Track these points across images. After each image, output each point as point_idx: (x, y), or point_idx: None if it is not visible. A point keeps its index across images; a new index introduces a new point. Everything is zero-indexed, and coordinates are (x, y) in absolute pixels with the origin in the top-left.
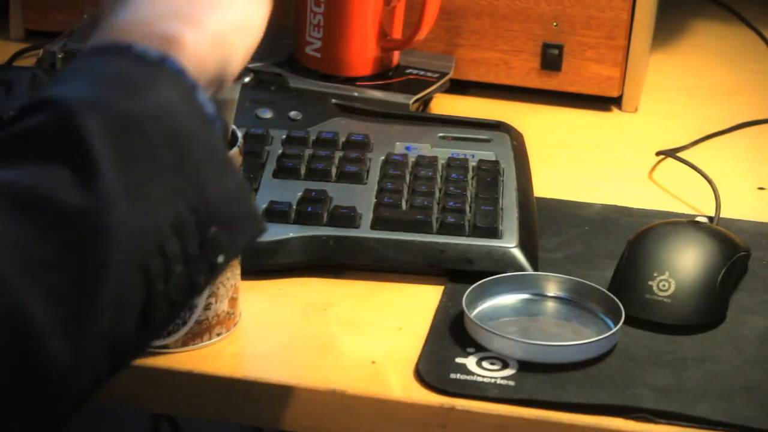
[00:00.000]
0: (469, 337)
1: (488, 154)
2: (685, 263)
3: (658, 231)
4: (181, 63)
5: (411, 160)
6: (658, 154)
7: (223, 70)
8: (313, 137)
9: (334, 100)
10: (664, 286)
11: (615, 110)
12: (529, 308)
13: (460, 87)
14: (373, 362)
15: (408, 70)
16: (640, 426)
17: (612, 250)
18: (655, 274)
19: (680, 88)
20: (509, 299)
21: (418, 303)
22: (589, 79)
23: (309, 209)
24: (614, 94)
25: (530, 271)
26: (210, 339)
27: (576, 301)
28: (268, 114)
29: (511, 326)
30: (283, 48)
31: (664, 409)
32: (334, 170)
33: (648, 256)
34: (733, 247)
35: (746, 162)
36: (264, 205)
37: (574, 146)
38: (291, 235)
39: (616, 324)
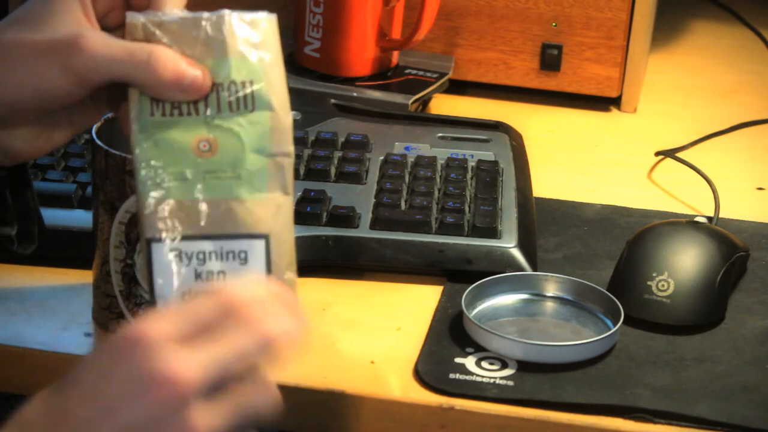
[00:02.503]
0: (468, 337)
1: (487, 155)
2: (684, 263)
3: (657, 231)
4: None
5: (410, 160)
6: (657, 154)
7: None
8: (312, 137)
9: (333, 101)
10: (663, 286)
11: (614, 110)
12: (528, 308)
13: (459, 87)
14: (372, 362)
15: (407, 71)
16: (639, 426)
17: (611, 251)
18: (654, 275)
19: (679, 88)
20: (508, 299)
21: (417, 303)
22: (588, 79)
23: (308, 209)
24: (613, 94)
25: (529, 271)
26: None
27: (575, 301)
28: None
29: (510, 326)
30: (282, 48)
31: (663, 409)
32: (333, 170)
33: (647, 256)
34: (732, 248)
35: (745, 162)
36: None
37: (573, 146)
38: None
39: (615, 324)
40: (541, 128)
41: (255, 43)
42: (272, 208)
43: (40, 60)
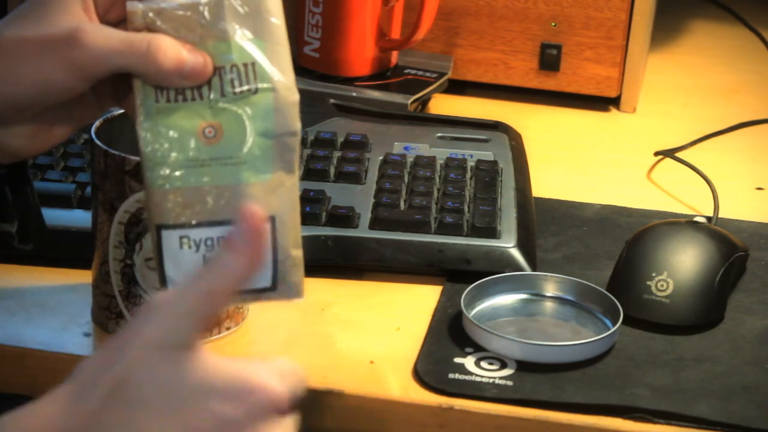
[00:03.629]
0: (467, 337)
1: (486, 154)
2: (683, 263)
3: (657, 231)
4: None
5: (409, 160)
6: (656, 154)
7: None
8: (311, 137)
9: (332, 100)
10: (662, 286)
11: (613, 110)
12: (528, 308)
13: (458, 87)
14: (372, 362)
15: (406, 70)
16: (638, 426)
17: (610, 250)
18: (654, 274)
19: (678, 88)
20: (507, 299)
21: (416, 303)
22: (587, 79)
23: (307, 209)
24: (612, 94)
25: (528, 271)
26: (219, 333)
27: (574, 301)
28: None
29: (510, 326)
30: None
31: (662, 409)
32: (332, 170)
33: (646, 256)
34: (731, 247)
35: (744, 162)
36: None
37: (573, 146)
38: None
39: (614, 324)
40: (541, 128)
41: (255, 24)
42: (277, 189)
43: (41, 55)
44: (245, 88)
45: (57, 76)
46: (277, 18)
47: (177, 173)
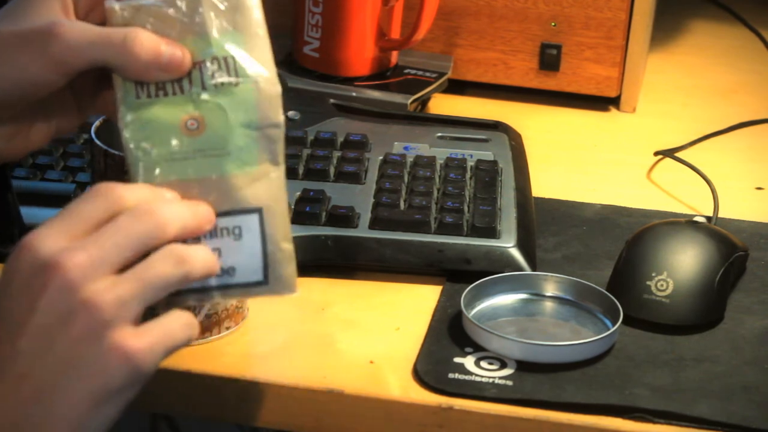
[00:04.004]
0: (467, 336)
1: (486, 154)
2: (683, 263)
3: (657, 231)
4: None
5: (409, 160)
6: (656, 154)
7: None
8: (311, 137)
9: (332, 100)
10: (662, 286)
11: (613, 110)
12: (528, 308)
13: (458, 87)
14: (372, 362)
15: (406, 70)
16: (638, 426)
17: (610, 250)
18: (654, 274)
19: (678, 88)
20: (507, 299)
21: (416, 303)
22: (587, 79)
23: (307, 209)
24: (612, 94)
25: (528, 271)
26: (219, 333)
27: (574, 301)
28: None
29: (510, 326)
30: (281, 48)
31: (662, 409)
32: (332, 170)
33: (646, 256)
34: (731, 247)
35: (744, 162)
36: None
37: (573, 146)
38: None
39: (614, 324)
40: (541, 128)
41: (235, 18)
42: (263, 181)
43: (18, 50)
44: (226, 80)
45: (35, 70)
46: (257, 11)
47: (160, 167)
